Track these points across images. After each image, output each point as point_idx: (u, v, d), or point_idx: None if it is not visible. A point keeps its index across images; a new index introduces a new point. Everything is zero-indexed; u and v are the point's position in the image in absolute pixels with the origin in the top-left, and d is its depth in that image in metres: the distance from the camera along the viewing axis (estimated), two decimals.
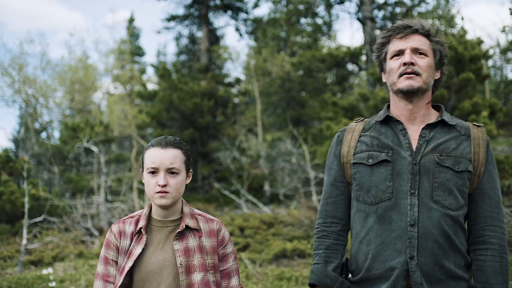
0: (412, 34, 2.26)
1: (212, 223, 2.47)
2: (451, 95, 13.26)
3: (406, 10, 20.57)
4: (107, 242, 2.41)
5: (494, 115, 12.72)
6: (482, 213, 2.17)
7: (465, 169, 2.13)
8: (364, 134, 2.34)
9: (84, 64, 30.61)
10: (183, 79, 21.21)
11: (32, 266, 9.92)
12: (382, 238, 2.12)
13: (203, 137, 21.07)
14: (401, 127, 2.26)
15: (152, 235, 2.37)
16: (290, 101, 23.32)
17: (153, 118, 20.66)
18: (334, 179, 2.39)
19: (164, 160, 2.30)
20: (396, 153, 2.19)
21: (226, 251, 2.47)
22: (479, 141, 2.22)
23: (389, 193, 2.14)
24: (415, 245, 2.05)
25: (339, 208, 2.36)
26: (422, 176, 2.12)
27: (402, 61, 2.22)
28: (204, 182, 20.77)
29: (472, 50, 13.25)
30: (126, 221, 2.44)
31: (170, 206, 2.36)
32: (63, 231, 12.42)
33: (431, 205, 2.08)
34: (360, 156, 2.27)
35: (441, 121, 2.26)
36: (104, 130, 20.47)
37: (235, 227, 11.76)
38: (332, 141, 2.47)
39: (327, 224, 2.36)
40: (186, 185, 2.45)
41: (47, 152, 20.00)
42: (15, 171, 15.25)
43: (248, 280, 8.21)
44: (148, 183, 2.32)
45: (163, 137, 2.40)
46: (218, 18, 26.37)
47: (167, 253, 2.31)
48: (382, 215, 2.14)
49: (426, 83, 2.23)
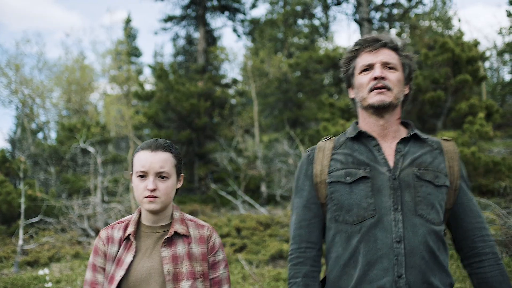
0: (382, 48, 2.20)
1: (202, 229, 2.38)
2: (448, 97, 13.29)
3: (403, 11, 20.60)
4: (95, 248, 2.34)
5: (490, 117, 12.73)
6: (469, 226, 2.14)
7: (443, 183, 2.09)
8: (336, 152, 2.23)
9: (81, 65, 30.58)
10: (180, 80, 21.20)
11: (28, 267, 9.90)
12: (368, 258, 2.01)
13: (200, 138, 21.05)
14: (375, 142, 2.18)
15: (141, 241, 2.29)
16: (287, 102, 23.32)
17: (150, 118, 20.63)
18: (307, 201, 2.24)
19: (154, 164, 2.23)
20: (373, 169, 2.10)
21: (216, 258, 2.38)
22: (452, 154, 2.19)
23: (371, 210, 2.04)
24: (402, 262, 1.96)
25: (313, 231, 2.21)
26: (403, 191, 2.05)
27: (372, 75, 2.15)
28: (200, 183, 20.75)
29: (469, 51, 13.28)
30: (115, 226, 2.37)
31: (160, 211, 2.29)
32: (60, 232, 12.39)
33: (416, 220, 2.01)
34: (336, 174, 2.15)
35: (414, 135, 2.21)
36: (100, 130, 20.47)
37: (232, 228, 11.75)
38: (301, 161, 2.34)
39: (302, 249, 2.20)
40: (177, 189, 2.38)
41: (43, 152, 19.97)
42: (12, 172, 15.22)
43: (245, 281, 8.21)
44: (137, 187, 2.25)
45: (153, 140, 2.33)
46: (215, 19, 26.38)
47: (154, 260, 2.23)
48: (366, 234, 2.03)
49: (397, 98, 2.17)
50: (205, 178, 20.57)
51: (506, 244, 7.03)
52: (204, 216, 14.02)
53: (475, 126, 11.64)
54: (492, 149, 15.00)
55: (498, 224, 7.45)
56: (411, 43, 22.87)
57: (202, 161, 21.09)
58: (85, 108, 30.64)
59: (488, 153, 13.69)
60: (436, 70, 13.75)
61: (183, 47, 28.88)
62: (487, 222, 7.71)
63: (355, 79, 2.25)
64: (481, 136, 11.74)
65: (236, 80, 25.12)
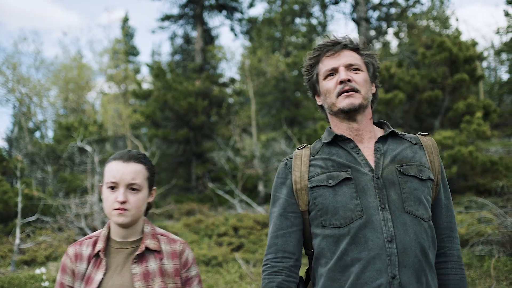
0: (343, 51, 2.15)
1: (174, 244, 2.29)
2: (445, 96, 13.30)
3: (401, 11, 20.62)
4: (63, 266, 2.25)
5: (488, 116, 12.76)
6: (441, 224, 2.08)
7: (428, 177, 2.03)
8: (313, 158, 2.16)
9: (78, 64, 30.54)
10: (177, 79, 21.19)
11: (25, 266, 9.88)
12: (360, 260, 1.92)
13: (197, 137, 21.05)
14: (353, 144, 2.11)
15: (111, 257, 2.19)
16: (284, 101, 23.32)
17: (147, 117, 20.63)
18: (284, 209, 2.15)
19: (125, 175, 2.14)
20: (355, 170, 2.04)
21: (189, 274, 2.29)
22: (431, 149, 2.14)
23: (359, 211, 1.96)
24: (395, 262, 1.88)
25: (290, 241, 2.12)
26: (388, 189, 1.98)
27: (338, 79, 2.09)
28: (198, 182, 20.75)
29: (466, 51, 13.30)
30: (83, 242, 2.26)
31: (129, 225, 2.19)
32: (57, 231, 12.36)
33: (405, 218, 1.94)
34: (318, 178, 2.07)
35: (391, 133, 2.16)
36: (98, 129, 20.42)
37: (229, 227, 11.75)
38: (278, 170, 2.26)
39: (278, 259, 2.10)
40: (149, 204, 2.30)
41: (40, 151, 19.95)
42: (9, 171, 15.19)
43: (242, 280, 8.21)
44: (106, 198, 2.15)
45: (126, 151, 2.24)
46: (213, 18, 26.37)
47: (125, 278, 2.14)
48: (355, 235, 1.94)
49: (366, 99, 2.11)
50: (202, 177, 20.56)
51: (503, 243, 7.03)
52: (202, 215, 14.01)
53: (473, 125, 11.66)
54: (490, 148, 15.02)
55: (495, 223, 7.45)
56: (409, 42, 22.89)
57: (199, 160, 21.09)
58: (82, 107, 30.61)
59: (485, 153, 13.71)
60: (433, 69, 13.77)
61: (181, 46, 28.87)
62: (485, 222, 7.73)
63: (320, 86, 2.19)
64: (479, 135, 11.76)
65: (234, 79, 25.13)
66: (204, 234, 11.88)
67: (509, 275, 6.25)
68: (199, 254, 10.12)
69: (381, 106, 12.65)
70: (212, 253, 10.08)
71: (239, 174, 18.54)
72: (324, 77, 2.15)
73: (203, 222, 12.64)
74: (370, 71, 2.18)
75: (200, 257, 10.00)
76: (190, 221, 12.87)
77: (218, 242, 11.23)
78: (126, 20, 35.08)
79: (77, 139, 15.97)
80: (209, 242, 11.19)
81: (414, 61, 17.48)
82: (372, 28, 21.00)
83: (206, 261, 9.90)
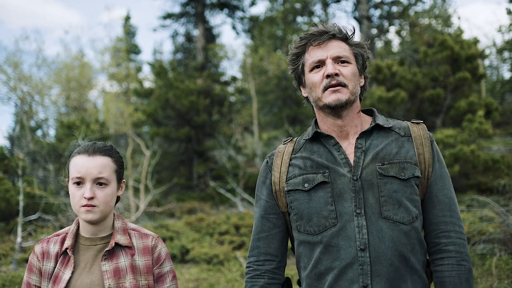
0: (331, 41, 2.01)
1: (146, 239, 2.18)
2: (447, 94, 13.28)
3: (403, 9, 20.60)
4: (29, 265, 2.15)
5: (490, 115, 12.73)
6: (433, 219, 1.94)
7: (411, 175, 1.90)
8: (294, 156, 2.08)
9: (80, 62, 30.56)
10: (179, 77, 21.19)
11: (26, 264, 9.89)
12: (332, 269, 1.87)
13: (199, 135, 21.06)
14: (333, 141, 2.01)
15: (80, 255, 2.10)
16: (286, 99, 23.31)
17: (149, 116, 20.62)
18: (265, 211, 2.11)
19: (91, 169, 2.03)
20: (333, 172, 1.95)
21: (162, 270, 2.18)
22: (421, 140, 1.99)
23: (332, 219, 1.89)
24: (368, 272, 1.82)
25: (273, 243, 2.08)
26: (366, 192, 1.89)
27: (325, 72, 1.96)
28: (199, 181, 20.75)
29: (468, 49, 13.28)
30: (50, 240, 2.17)
31: (98, 221, 2.09)
32: (58, 229, 12.36)
33: (381, 224, 1.84)
34: (294, 181, 2.00)
35: (375, 126, 2.03)
36: (99, 128, 20.42)
37: (231, 226, 11.75)
38: (261, 168, 2.20)
39: (260, 262, 2.07)
40: (118, 197, 2.20)
41: (42, 150, 19.95)
42: (10, 169, 15.20)
43: (243, 279, 8.20)
44: (73, 195, 2.05)
45: (91, 143, 2.14)
46: (215, 16, 26.37)
47: (94, 275, 2.04)
48: (328, 244, 1.88)
49: (354, 93, 1.98)
50: (204, 175, 20.56)
51: (505, 242, 7.02)
52: (203, 214, 14.01)
53: (475, 124, 11.64)
54: (491, 147, 14.99)
55: (497, 222, 7.45)
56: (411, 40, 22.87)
57: (201, 158, 21.09)
58: (84, 105, 30.61)
59: (487, 151, 13.68)
60: (435, 68, 13.75)
61: (182, 44, 28.86)
62: (486, 220, 7.72)
63: (306, 78, 2.07)
64: (480, 134, 11.73)
65: (235, 78, 25.13)
66: (205, 232, 11.88)
67: (510, 273, 6.24)
68: (200, 252, 10.12)
69: (383, 104, 12.63)
70: (213, 252, 10.08)
71: (241, 172, 18.54)
72: (310, 69, 2.03)
73: (204, 221, 12.64)
74: (360, 62, 2.05)
75: (201, 256, 10.00)
76: (192, 220, 12.87)
77: (219, 241, 11.23)
78: (128, 18, 35.08)
79: (78, 137, 15.98)
80: (210, 241, 11.19)
81: (416, 60, 17.47)
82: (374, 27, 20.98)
83: (207, 259, 9.90)
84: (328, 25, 2.05)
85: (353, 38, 2.07)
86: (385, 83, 13.40)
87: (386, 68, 13.42)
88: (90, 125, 19.71)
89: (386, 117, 2.14)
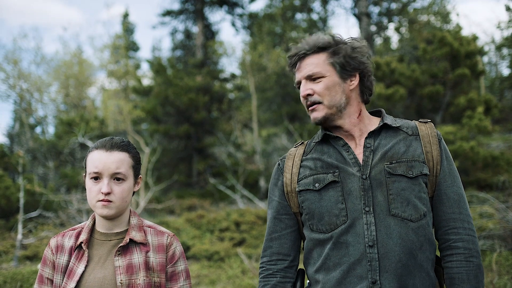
0: (304, 59, 2.05)
1: (162, 237, 2.18)
2: (446, 91, 13.30)
3: (402, 6, 20.59)
4: (44, 258, 2.15)
5: (489, 111, 12.75)
6: (442, 216, 1.97)
7: (419, 173, 1.94)
8: (305, 158, 2.12)
9: (78, 59, 30.55)
10: (178, 75, 21.19)
11: (27, 261, 9.92)
12: (340, 266, 1.92)
13: (198, 132, 21.06)
14: (342, 142, 2.05)
15: (94, 249, 2.10)
16: (285, 96, 23.29)
17: (148, 113, 20.64)
18: (277, 212, 2.15)
19: (109, 165, 2.03)
20: (343, 171, 1.99)
21: (176, 269, 2.17)
22: (429, 138, 2.02)
23: (343, 216, 1.93)
24: (376, 267, 1.85)
25: (285, 243, 2.13)
26: (375, 190, 1.93)
27: (302, 94, 2.05)
28: (199, 178, 20.77)
29: (467, 46, 13.28)
30: (66, 234, 2.16)
31: (114, 217, 2.09)
32: (59, 226, 12.38)
33: (389, 221, 1.89)
34: (305, 182, 2.05)
35: (383, 125, 2.06)
36: (99, 125, 20.46)
37: (231, 223, 11.78)
38: (273, 171, 2.24)
39: (273, 262, 2.12)
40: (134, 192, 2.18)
41: (41, 147, 19.97)
42: (10, 166, 15.21)
43: (244, 275, 8.24)
44: (90, 190, 2.05)
45: (108, 138, 2.13)
46: (214, 13, 26.38)
47: (107, 270, 2.04)
48: (337, 240, 1.93)
49: (332, 107, 2.01)
50: (203, 172, 20.58)
51: (504, 238, 7.05)
52: (203, 211, 14.04)
53: (474, 120, 11.66)
54: (491, 143, 15.03)
55: (496, 218, 7.47)
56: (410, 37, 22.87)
57: (200, 155, 21.10)
58: (83, 102, 30.62)
59: (486, 148, 13.72)
60: (434, 64, 13.76)
61: (181, 41, 28.82)
62: (486, 216, 7.74)
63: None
64: (480, 130, 11.75)
65: (235, 75, 25.13)
66: (205, 229, 11.91)
67: (510, 269, 6.28)
68: (201, 249, 10.15)
69: (382, 101, 12.64)
70: (214, 248, 10.11)
71: (240, 169, 18.56)
72: (297, 88, 2.12)
73: (204, 218, 12.66)
74: (337, 69, 2.03)
75: (202, 252, 10.02)
76: (192, 217, 12.89)
77: (220, 237, 11.26)
78: (126, 15, 35.03)
79: (78, 134, 16.00)
80: (211, 237, 11.22)
81: (415, 56, 17.47)
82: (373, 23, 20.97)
83: (208, 256, 9.93)
84: (304, 41, 2.07)
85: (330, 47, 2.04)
86: (384, 80, 13.41)
87: (385, 64, 13.42)
88: (89, 122, 19.74)
89: (395, 117, 2.17)
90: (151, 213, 15.10)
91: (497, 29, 24.86)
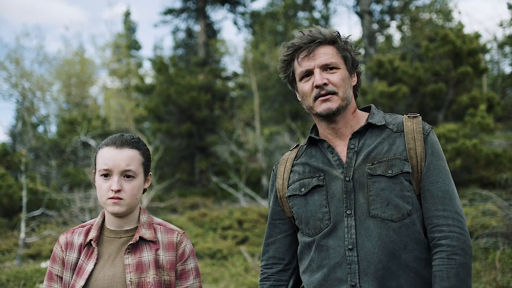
0: (318, 48, 1.99)
1: (172, 234, 2.15)
2: (449, 89, 13.28)
3: (404, 4, 20.56)
4: (53, 255, 2.14)
5: (492, 109, 12.74)
6: (426, 213, 1.90)
7: (399, 171, 1.89)
8: (296, 162, 2.13)
9: (80, 58, 30.57)
10: (180, 73, 21.20)
11: (30, 260, 9.93)
12: (321, 268, 1.92)
13: (200, 131, 21.06)
14: (326, 144, 2.03)
15: (103, 247, 2.08)
16: (287, 95, 23.29)
17: (150, 112, 20.65)
18: (272, 217, 2.19)
19: (119, 162, 2.01)
20: (328, 175, 1.98)
21: (186, 267, 2.15)
22: (413, 134, 1.95)
23: (327, 220, 1.93)
24: (355, 271, 1.84)
25: (280, 247, 2.15)
26: (357, 192, 1.91)
27: (314, 83, 1.96)
28: (201, 176, 20.78)
29: (470, 44, 13.27)
30: (75, 231, 2.15)
31: (124, 214, 2.08)
32: (61, 225, 12.41)
33: (369, 223, 1.86)
34: (292, 187, 2.06)
35: (368, 125, 2.02)
36: (101, 124, 20.49)
37: (234, 221, 11.79)
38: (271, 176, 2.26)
39: (269, 266, 2.16)
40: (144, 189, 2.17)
41: (44, 146, 20.00)
42: (13, 165, 15.24)
43: (247, 273, 8.25)
44: (100, 187, 2.03)
45: (118, 135, 2.11)
46: (216, 11, 26.34)
47: (117, 268, 2.02)
48: (319, 244, 1.94)
49: (345, 99, 1.98)
50: (206, 171, 20.59)
51: (507, 236, 7.05)
52: (205, 209, 14.05)
53: (476, 118, 11.65)
54: (493, 141, 15.01)
55: (499, 215, 7.47)
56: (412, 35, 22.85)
57: (203, 154, 21.11)
58: (85, 101, 30.65)
59: (489, 146, 13.70)
60: (437, 62, 13.74)
61: (183, 40, 28.81)
62: (489, 214, 7.73)
63: (297, 86, 2.09)
64: (483, 128, 11.75)
65: (237, 73, 25.12)
66: (208, 227, 11.92)
67: None
68: (204, 247, 10.16)
69: (385, 99, 12.64)
70: (217, 246, 10.12)
71: (243, 167, 18.56)
72: (300, 78, 2.04)
73: (207, 216, 12.67)
74: (349, 64, 2.03)
75: (205, 251, 10.04)
76: (195, 215, 12.91)
77: (222, 236, 11.27)
78: (128, 14, 35.05)
79: (80, 133, 16.03)
80: (213, 236, 11.23)
81: (418, 54, 17.44)
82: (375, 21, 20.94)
83: (211, 254, 9.94)
84: (314, 30, 2.04)
85: (340, 41, 2.04)
86: (386, 78, 13.40)
87: (388, 63, 13.42)
88: (91, 121, 19.77)
89: (387, 112, 2.13)
90: (153, 211, 15.12)
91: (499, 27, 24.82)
